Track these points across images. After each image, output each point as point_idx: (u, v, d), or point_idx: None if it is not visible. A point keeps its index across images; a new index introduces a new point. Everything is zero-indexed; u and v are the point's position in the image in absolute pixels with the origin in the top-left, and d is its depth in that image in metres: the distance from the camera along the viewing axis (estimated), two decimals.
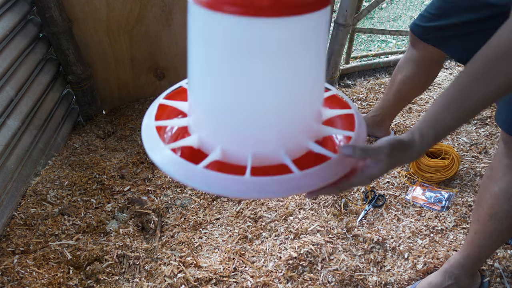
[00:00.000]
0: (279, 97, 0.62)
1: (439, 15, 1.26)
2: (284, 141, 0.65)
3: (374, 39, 3.06)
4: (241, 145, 0.64)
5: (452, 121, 0.64)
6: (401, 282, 1.21)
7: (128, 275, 1.28)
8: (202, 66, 0.63)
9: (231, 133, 0.64)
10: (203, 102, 0.65)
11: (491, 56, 0.60)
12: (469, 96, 0.62)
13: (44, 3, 1.71)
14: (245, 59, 0.58)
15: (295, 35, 0.57)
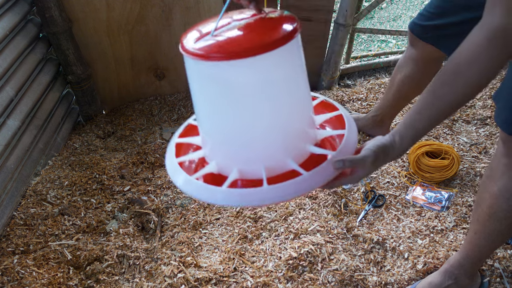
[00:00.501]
0: (274, 118, 0.73)
1: (438, 14, 1.26)
2: (289, 151, 0.76)
3: (374, 39, 3.06)
4: (253, 163, 0.76)
5: (426, 122, 0.72)
6: (401, 282, 1.21)
7: (128, 275, 1.28)
8: (204, 106, 0.76)
9: (242, 155, 0.76)
10: (214, 136, 0.78)
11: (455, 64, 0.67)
12: (438, 100, 0.70)
13: (44, 3, 1.71)
14: (238, 95, 0.70)
15: (271, 68, 0.68)
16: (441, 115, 0.72)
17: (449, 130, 1.84)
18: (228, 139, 0.77)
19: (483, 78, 0.66)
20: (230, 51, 0.66)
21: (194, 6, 1.93)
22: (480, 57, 0.64)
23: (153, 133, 1.95)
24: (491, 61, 0.64)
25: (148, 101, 2.21)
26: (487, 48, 0.63)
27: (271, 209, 1.46)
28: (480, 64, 0.64)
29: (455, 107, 0.71)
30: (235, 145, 0.77)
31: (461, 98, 0.69)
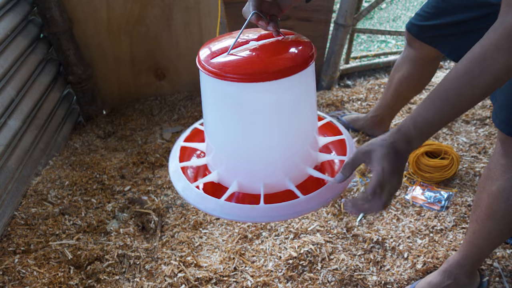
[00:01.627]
0: (280, 138, 0.76)
1: (435, 14, 1.27)
2: (288, 171, 0.79)
3: (374, 39, 3.06)
4: (253, 178, 0.79)
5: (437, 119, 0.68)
6: (401, 281, 1.22)
7: (129, 275, 1.28)
8: (214, 118, 0.78)
9: (244, 170, 0.79)
10: (220, 148, 0.81)
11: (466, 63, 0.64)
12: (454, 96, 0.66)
13: (45, 3, 1.71)
14: (250, 113, 0.73)
15: (285, 93, 0.71)
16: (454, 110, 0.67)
17: (449, 130, 1.84)
18: (232, 152, 0.80)
19: (495, 78, 0.63)
20: (247, 73, 0.67)
21: (194, 6, 1.94)
22: (494, 55, 0.61)
23: (153, 133, 1.96)
24: (506, 62, 0.61)
25: (148, 101, 2.22)
26: (502, 46, 0.61)
27: None
28: (493, 64, 0.62)
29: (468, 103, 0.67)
30: (239, 159, 0.80)
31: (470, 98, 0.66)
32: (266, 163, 0.79)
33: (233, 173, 0.80)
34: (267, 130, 0.75)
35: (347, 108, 2.06)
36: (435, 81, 2.25)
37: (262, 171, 0.79)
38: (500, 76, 0.63)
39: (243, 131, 0.76)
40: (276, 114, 0.74)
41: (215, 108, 0.77)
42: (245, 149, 0.78)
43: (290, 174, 0.79)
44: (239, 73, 0.67)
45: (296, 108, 0.76)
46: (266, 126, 0.75)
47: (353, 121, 1.84)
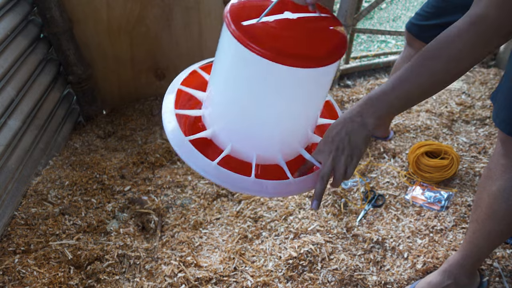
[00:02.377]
0: (286, 115, 0.76)
1: (435, 13, 1.27)
2: (282, 148, 0.79)
3: (374, 39, 3.06)
4: (248, 147, 0.78)
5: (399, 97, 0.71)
6: (401, 281, 1.22)
7: (129, 275, 1.28)
8: (227, 80, 0.75)
9: (241, 137, 0.78)
10: (223, 107, 0.78)
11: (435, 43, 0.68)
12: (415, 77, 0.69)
13: (45, 3, 1.71)
14: (268, 90, 0.71)
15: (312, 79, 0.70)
16: (415, 93, 0.71)
17: (449, 130, 1.84)
18: (235, 115, 0.77)
19: (460, 62, 0.67)
20: (280, 53, 0.63)
21: (194, 6, 1.94)
22: (459, 38, 0.66)
23: (153, 133, 1.96)
24: (470, 46, 0.65)
25: (149, 101, 2.22)
26: (467, 31, 0.65)
27: (271, 209, 1.47)
28: (458, 45, 0.66)
29: (430, 86, 0.71)
30: (239, 124, 0.77)
31: (436, 77, 0.69)
32: (264, 135, 0.78)
33: (230, 137, 0.78)
34: (276, 104, 0.73)
35: (347, 108, 2.06)
36: None
37: (258, 141, 0.78)
38: (458, 63, 0.67)
39: (252, 99, 0.73)
40: (292, 94, 0.72)
41: (230, 69, 0.73)
42: (249, 116, 0.76)
43: (282, 151, 0.79)
44: (272, 51, 0.62)
45: (312, 93, 0.75)
46: (277, 101, 0.73)
47: None
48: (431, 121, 1.89)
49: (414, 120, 1.90)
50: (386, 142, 1.77)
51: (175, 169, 1.72)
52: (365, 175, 1.62)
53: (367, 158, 1.69)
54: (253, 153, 0.77)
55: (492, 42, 0.66)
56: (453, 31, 0.67)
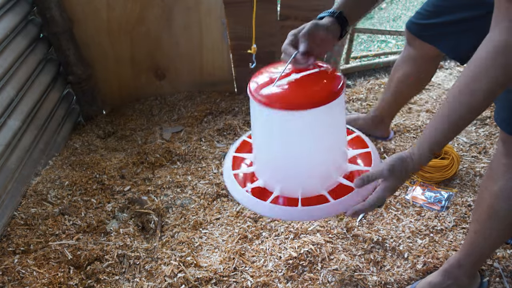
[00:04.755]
0: (319, 156, 0.93)
1: (435, 12, 1.26)
2: (323, 181, 0.95)
3: (374, 39, 3.06)
4: (292, 185, 0.95)
5: (440, 135, 0.77)
6: (401, 282, 1.22)
7: (129, 275, 1.28)
8: (262, 139, 0.96)
9: (285, 179, 0.96)
10: (266, 161, 0.99)
11: (468, 75, 0.70)
12: (451, 113, 0.74)
13: (45, 3, 1.71)
14: (291, 135, 0.89)
15: (321, 117, 0.85)
16: (455, 127, 0.75)
17: None
18: (276, 166, 0.97)
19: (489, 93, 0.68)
20: (289, 103, 0.82)
21: (194, 6, 1.94)
22: (486, 72, 0.67)
23: (153, 133, 1.96)
24: (495, 78, 0.66)
25: (148, 101, 2.21)
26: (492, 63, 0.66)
27: None
28: (485, 79, 0.67)
29: (467, 118, 0.73)
30: (281, 171, 0.97)
31: (469, 109, 0.72)
32: (303, 175, 0.95)
33: (276, 181, 0.97)
34: (305, 148, 0.91)
35: (347, 108, 2.06)
36: (435, 81, 2.24)
37: (300, 180, 0.96)
38: (493, 90, 0.68)
39: (284, 149, 0.92)
40: (313, 135, 0.89)
41: (262, 129, 0.93)
42: (286, 164, 0.95)
43: (323, 182, 0.96)
44: (283, 102, 0.82)
45: (328, 129, 0.91)
46: (304, 145, 0.91)
47: (353, 121, 1.84)
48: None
49: (414, 120, 1.90)
50: (386, 142, 1.77)
51: (175, 169, 1.72)
52: None
53: None
54: (299, 189, 0.94)
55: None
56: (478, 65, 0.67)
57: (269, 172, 0.99)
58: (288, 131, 0.88)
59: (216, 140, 1.88)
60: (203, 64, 2.14)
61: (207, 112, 2.08)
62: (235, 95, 2.20)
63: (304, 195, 0.94)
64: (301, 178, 0.96)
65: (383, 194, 0.83)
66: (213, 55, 2.11)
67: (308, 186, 0.95)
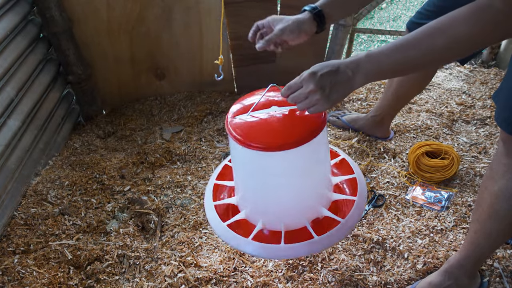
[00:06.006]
0: (300, 191, 0.92)
1: (436, 12, 1.26)
2: (306, 214, 0.94)
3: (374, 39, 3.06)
4: (275, 220, 0.94)
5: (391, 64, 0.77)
6: (401, 282, 1.22)
7: (128, 275, 1.28)
8: (243, 175, 0.95)
9: (269, 215, 0.95)
10: (247, 197, 0.98)
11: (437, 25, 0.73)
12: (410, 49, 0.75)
13: (45, 3, 1.71)
14: (270, 174, 0.88)
15: (299, 158, 0.84)
16: (408, 63, 0.76)
17: (449, 130, 1.84)
18: (257, 201, 0.96)
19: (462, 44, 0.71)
20: (267, 143, 0.80)
21: (194, 6, 1.94)
22: (465, 21, 0.69)
23: (153, 133, 1.96)
24: (469, 30, 0.69)
25: (148, 101, 2.21)
26: (465, 19, 0.69)
27: None
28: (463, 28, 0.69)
29: (424, 61, 0.76)
30: (262, 207, 0.96)
31: (434, 54, 0.74)
32: (285, 210, 0.95)
33: (258, 215, 0.96)
34: (283, 184, 0.90)
35: (347, 108, 2.06)
36: (435, 81, 2.24)
37: (282, 215, 0.95)
38: (454, 46, 0.71)
39: (264, 185, 0.92)
40: (293, 172, 0.88)
41: (242, 166, 0.93)
42: (267, 199, 0.94)
43: (306, 216, 0.95)
44: (261, 143, 0.80)
45: (312, 165, 0.90)
46: (282, 181, 0.89)
47: (353, 121, 1.84)
48: (431, 121, 1.89)
49: (415, 120, 1.90)
50: (387, 142, 1.77)
51: (175, 169, 1.72)
52: (365, 175, 1.62)
53: (367, 158, 1.69)
54: (281, 223, 0.92)
55: (497, 32, 0.68)
56: (461, 14, 0.70)
57: (250, 206, 0.97)
58: (268, 169, 0.87)
59: (216, 140, 1.88)
60: (203, 64, 2.14)
61: (207, 112, 2.08)
62: (235, 95, 2.20)
63: (287, 228, 0.93)
64: (283, 214, 0.94)
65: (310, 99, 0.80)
66: (213, 55, 2.11)
67: (291, 220, 0.94)
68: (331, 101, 0.80)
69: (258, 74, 2.08)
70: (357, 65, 0.78)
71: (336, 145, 1.76)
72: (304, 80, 0.81)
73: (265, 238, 0.92)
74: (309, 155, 0.86)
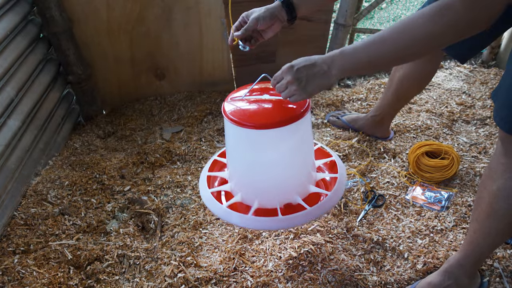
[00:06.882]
0: (288, 168, 1.04)
1: None
2: (298, 191, 1.07)
3: None
4: (270, 199, 1.06)
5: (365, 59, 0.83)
6: (401, 282, 1.22)
7: (129, 275, 1.28)
8: (238, 158, 1.05)
9: (263, 194, 1.07)
10: (243, 179, 1.09)
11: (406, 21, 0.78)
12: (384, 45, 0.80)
13: (45, 3, 1.71)
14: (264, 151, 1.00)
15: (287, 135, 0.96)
16: (377, 61, 0.83)
17: (449, 130, 1.84)
18: (252, 181, 1.06)
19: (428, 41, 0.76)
20: (259, 123, 0.93)
21: (194, 6, 1.94)
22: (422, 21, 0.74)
23: (153, 133, 1.96)
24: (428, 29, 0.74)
25: (148, 101, 2.21)
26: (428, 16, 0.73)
27: None
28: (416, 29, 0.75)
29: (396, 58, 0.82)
30: (258, 186, 1.06)
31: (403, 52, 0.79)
32: (280, 188, 1.05)
33: (255, 196, 1.06)
34: (274, 162, 1.01)
35: (347, 108, 2.06)
36: (435, 81, 2.24)
37: (276, 193, 1.06)
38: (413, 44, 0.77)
39: (256, 164, 1.03)
40: (285, 150, 0.99)
41: (237, 147, 1.03)
42: (265, 180, 1.05)
43: (298, 193, 1.06)
44: (254, 123, 0.92)
45: (296, 144, 1.01)
46: (273, 159, 1.01)
47: (353, 121, 1.84)
48: (431, 121, 1.89)
49: (415, 120, 1.90)
50: (387, 142, 1.77)
51: (175, 169, 1.72)
52: (365, 175, 1.62)
53: (367, 158, 1.69)
54: (276, 200, 1.05)
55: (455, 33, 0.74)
56: (423, 13, 0.74)
57: (245, 188, 1.08)
58: (258, 146, 0.99)
59: (216, 140, 1.88)
60: (203, 64, 2.14)
61: (207, 112, 2.09)
62: None
63: (281, 205, 1.05)
64: (277, 192, 1.05)
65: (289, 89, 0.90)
66: (213, 55, 2.11)
67: (285, 198, 1.06)
68: (308, 92, 0.89)
69: (258, 74, 2.06)
70: (332, 61, 0.86)
71: (336, 145, 1.76)
72: (284, 72, 0.91)
73: (263, 214, 1.03)
74: (293, 135, 0.97)
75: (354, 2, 1.99)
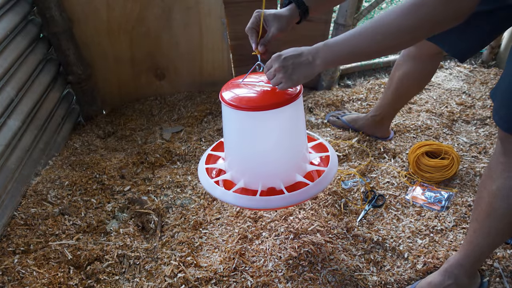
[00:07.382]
0: (278, 153, 1.09)
1: None
2: (282, 177, 1.11)
3: None
4: (255, 180, 1.11)
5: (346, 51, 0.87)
6: (401, 282, 1.21)
7: (129, 275, 1.28)
8: (232, 138, 1.11)
9: (249, 174, 1.12)
10: (233, 158, 1.15)
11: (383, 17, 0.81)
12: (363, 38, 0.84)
13: (45, 3, 1.71)
14: (256, 132, 1.06)
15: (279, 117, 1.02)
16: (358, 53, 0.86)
17: (449, 130, 1.84)
18: (240, 161, 1.13)
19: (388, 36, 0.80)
20: (253, 105, 0.98)
21: (194, 6, 1.94)
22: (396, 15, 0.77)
23: (153, 133, 1.96)
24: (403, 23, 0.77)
25: (148, 101, 2.21)
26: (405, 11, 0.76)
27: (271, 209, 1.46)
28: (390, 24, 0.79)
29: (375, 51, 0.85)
30: (245, 166, 1.13)
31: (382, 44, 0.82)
32: (266, 172, 1.11)
33: (241, 175, 1.12)
34: (268, 145, 1.07)
35: (347, 108, 2.06)
36: (435, 81, 2.24)
37: (262, 176, 1.11)
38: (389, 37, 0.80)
39: (250, 147, 1.08)
40: (273, 133, 1.05)
41: (231, 128, 1.08)
42: (252, 161, 1.11)
43: (282, 179, 1.10)
44: (246, 105, 0.98)
45: (287, 128, 1.06)
46: (268, 142, 1.07)
47: (353, 120, 1.84)
48: (431, 121, 1.89)
49: (415, 120, 1.90)
50: (387, 142, 1.77)
51: (175, 169, 1.72)
52: (365, 175, 1.62)
53: (367, 158, 1.69)
54: (259, 182, 1.09)
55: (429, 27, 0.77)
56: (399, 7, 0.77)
57: (235, 168, 1.14)
58: (249, 126, 1.04)
59: (216, 140, 1.88)
60: (203, 64, 2.14)
61: (207, 112, 2.09)
62: None
63: (264, 188, 1.10)
64: (262, 174, 1.11)
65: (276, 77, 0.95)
66: (213, 55, 2.11)
67: (269, 182, 1.11)
68: (293, 81, 0.94)
69: None
70: (317, 52, 0.90)
71: (336, 145, 1.76)
72: (272, 61, 0.96)
73: (244, 193, 1.10)
74: (283, 119, 1.03)
75: (354, 2, 1.99)
